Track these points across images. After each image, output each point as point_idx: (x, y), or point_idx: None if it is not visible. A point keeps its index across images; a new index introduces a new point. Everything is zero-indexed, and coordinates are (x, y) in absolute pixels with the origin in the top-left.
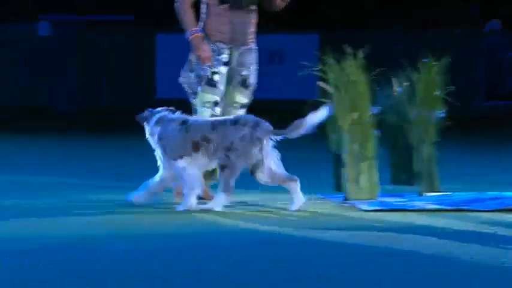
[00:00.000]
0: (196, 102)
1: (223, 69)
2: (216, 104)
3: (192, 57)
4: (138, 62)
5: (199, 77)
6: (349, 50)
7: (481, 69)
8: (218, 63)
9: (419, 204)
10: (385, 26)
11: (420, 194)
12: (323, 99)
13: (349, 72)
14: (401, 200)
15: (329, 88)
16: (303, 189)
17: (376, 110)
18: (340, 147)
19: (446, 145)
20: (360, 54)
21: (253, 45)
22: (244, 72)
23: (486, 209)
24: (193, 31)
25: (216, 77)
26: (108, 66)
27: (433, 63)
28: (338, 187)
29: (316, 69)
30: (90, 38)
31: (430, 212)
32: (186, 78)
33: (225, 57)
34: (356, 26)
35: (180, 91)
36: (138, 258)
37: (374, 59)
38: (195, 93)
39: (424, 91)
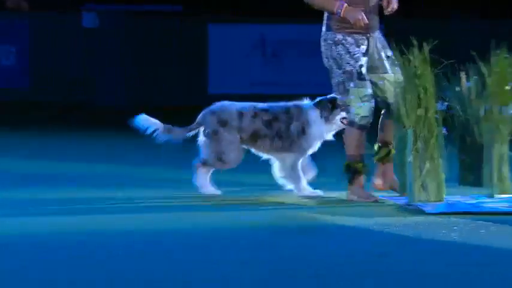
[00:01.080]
0: (349, 100)
1: (365, 61)
2: (372, 96)
3: (338, 52)
4: (189, 55)
5: (348, 73)
6: (414, 41)
7: None
8: (360, 54)
9: (489, 206)
10: (445, 16)
11: (490, 196)
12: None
13: (415, 65)
14: (470, 202)
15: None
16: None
17: (443, 106)
18: (404, 145)
19: None
20: (426, 46)
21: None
22: (389, 53)
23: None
24: (340, 4)
25: (364, 70)
26: (158, 59)
27: (506, 55)
28: (402, 188)
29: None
30: (138, 29)
31: (501, 215)
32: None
33: (364, 48)
34: (417, 15)
35: (235, 86)
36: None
37: (440, 51)
38: (346, 91)
39: (495, 85)
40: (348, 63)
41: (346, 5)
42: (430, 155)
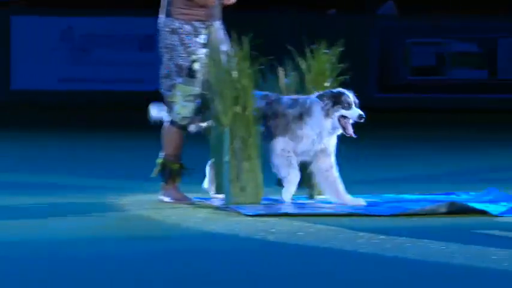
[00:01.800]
0: (174, 96)
1: (202, 53)
2: (198, 96)
3: (172, 42)
4: None
5: (178, 67)
6: (234, 35)
7: (373, 57)
8: (197, 46)
9: (310, 208)
10: (263, 7)
11: (311, 197)
12: (204, 92)
13: (233, 60)
14: (290, 203)
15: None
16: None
17: (260, 103)
18: (221, 144)
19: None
20: (245, 40)
21: None
22: (225, 49)
23: (382, 214)
24: None
25: (196, 66)
26: None
27: (324, 50)
28: (218, 188)
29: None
30: None
31: (321, 217)
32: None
33: (203, 37)
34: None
35: (41, 82)
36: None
37: (258, 46)
38: (172, 86)
39: (314, 81)
40: (180, 56)
41: None
42: (248, 155)
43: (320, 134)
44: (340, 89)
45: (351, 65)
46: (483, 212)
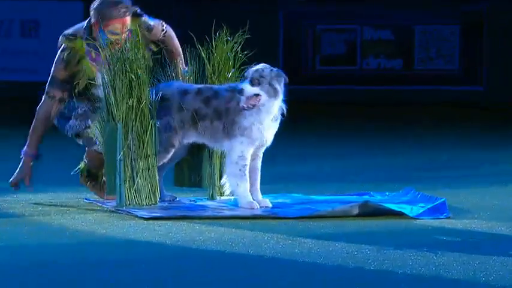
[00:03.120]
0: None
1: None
2: None
3: None
4: None
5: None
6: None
7: (277, 46)
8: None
9: (211, 210)
10: None
11: (212, 198)
12: (91, 82)
13: (124, 48)
14: (187, 205)
15: (98, 68)
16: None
17: (156, 94)
18: (113, 141)
19: None
20: (137, 26)
21: None
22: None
23: (290, 216)
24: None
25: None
26: None
27: (227, 37)
28: (110, 190)
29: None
30: None
31: (222, 220)
32: None
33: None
34: None
35: None
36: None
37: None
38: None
39: (216, 72)
40: None
41: None
42: (144, 153)
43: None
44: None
45: (256, 54)
46: (399, 214)
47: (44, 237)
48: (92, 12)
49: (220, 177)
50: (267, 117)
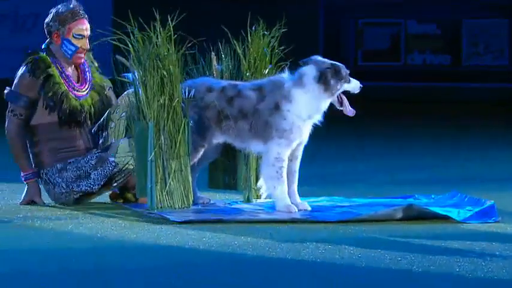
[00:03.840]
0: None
1: None
2: None
3: None
4: None
5: None
6: (157, 15)
7: (318, 39)
8: None
9: (248, 213)
10: None
11: (248, 201)
12: (120, 79)
13: (156, 44)
14: (222, 208)
15: (129, 64)
16: None
17: (190, 92)
18: (144, 141)
19: None
20: (170, 20)
21: None
22: None
23: (330, 220)
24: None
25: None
26: None
27: (263, 32)
28: (141, 192)
29: (111, 39)
30: None
31: (260, 224)
32: None
33: None
34: None
35: None
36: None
37: (187, 27)
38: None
39: (252, 68)
40: None
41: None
42: (176, 153)
43: (309, 119)
44: (325, 60)
45: (294, 49)
46: (445, 218)
47: (71, 242)
48: (50, 23)
49: (257, 179)
50: (315, 116)
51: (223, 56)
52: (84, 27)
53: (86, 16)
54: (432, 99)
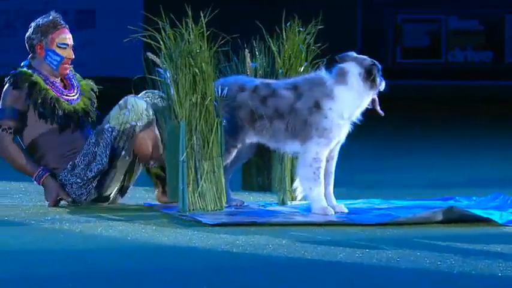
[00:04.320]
0: None
1: None
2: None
3: None
4: None
5: None
6: (189, 11)
7: (357, 36)
8: None
9: (282, 216)
10: None
11: (282, 203)
12: (151, 77)
13: (188, 41)
14: (256, 210)
15: (160, 62)
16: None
17: (223, 91)
18: (176, 141)
19: None
20: (202, 18)
21: None
22: None
23: (367, 223)
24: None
25: None
26: None
27: (299, 28)
28: (173, 194)
29: (142, 35)
30: None
31: (294, 226)
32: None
33: None
34: None
35: None
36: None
37: (219, 23)
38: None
39: (287, 66)
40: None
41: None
42: (209, 154)
43: (350, 118)
44: (362, 56)
45: (331, 46)
46: (487, 221)
47: (101, 245)
48: (32, 36)
49: (292, 180)
50: (356, 114)
51: (257, 53)
52: (67, 36)
53: (67, 26)
54: (473, 97)
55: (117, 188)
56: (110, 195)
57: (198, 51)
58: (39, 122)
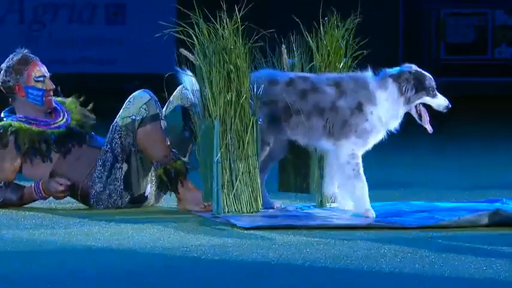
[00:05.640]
0: None
1: None
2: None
3: None
4: None
5: None
6: (223, 6)
7: (397, 31)
8: None
9: (320, 219)
10: None
11: (321, 206)
12: (185, 73)
13: (223, 36)
14: (294, 213)
15: (194, 58)
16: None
17: (259, 88)
18: (210, 141)
19: None
20: (237, 12)
21: None
22: None
23: (409, 226)
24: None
25: None
26: None
27: (338, 23)
28: (207, 195)
29: (175, 31)
30: None
31: (332, 230)
32: None
33: None
34: None
35: None
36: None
37: (255, 18)
38: None
39: (325, 62)
40: None
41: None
42: (244, 154)
43: (386, 125)
44: (416, 67)
45: (371, 41)
46: None
47: (132, 247)
48: (7, 79)
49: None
50: (392, 123)
51: (294, 48)
52: (42, 68)
53: (38, 58)
54: None
55: (150, 184)
56: (145, 193)
57: (232, 47)
58: (40, 164)
